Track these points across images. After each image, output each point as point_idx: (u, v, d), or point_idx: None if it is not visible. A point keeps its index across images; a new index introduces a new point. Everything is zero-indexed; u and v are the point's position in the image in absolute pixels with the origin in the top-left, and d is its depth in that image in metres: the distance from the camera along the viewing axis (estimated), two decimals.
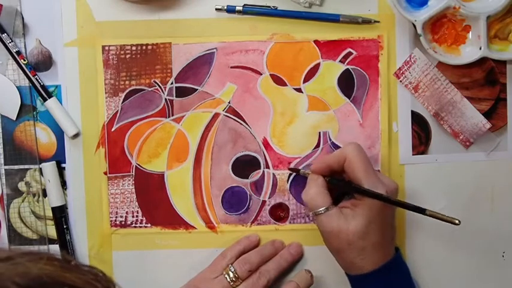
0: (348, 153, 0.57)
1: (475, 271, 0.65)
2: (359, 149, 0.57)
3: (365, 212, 0.55)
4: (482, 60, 0.62)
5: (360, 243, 0.56)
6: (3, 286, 0.34)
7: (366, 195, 0.56)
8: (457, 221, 0.52)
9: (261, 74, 0.64)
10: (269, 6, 0.63)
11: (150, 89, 0.65)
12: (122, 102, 0.65)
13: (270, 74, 0.64)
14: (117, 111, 0.65)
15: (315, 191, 0.58)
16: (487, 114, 0.64)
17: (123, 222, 0.65)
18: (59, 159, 0.65)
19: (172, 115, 0.65)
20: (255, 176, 0.65)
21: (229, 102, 0.65)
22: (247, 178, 0.65)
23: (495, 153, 0.64)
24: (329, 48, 0.64)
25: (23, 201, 0.66)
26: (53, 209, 0.65)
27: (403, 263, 0.60)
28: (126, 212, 0.65)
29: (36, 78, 0.64)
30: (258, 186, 0.65)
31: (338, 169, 0.58)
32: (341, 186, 0.59)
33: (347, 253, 0.57)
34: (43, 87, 0.64)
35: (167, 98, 0.65)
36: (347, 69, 0.64)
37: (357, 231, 0.55)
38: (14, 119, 0.65)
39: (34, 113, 0.65)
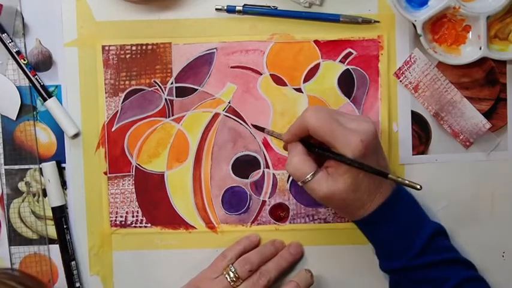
0: (308, 122, 0.54)
1: None
2: (316, 111, 0.55)
3: (349, 166, 0.54)
4: (482, 60, 0.62)
5: (355, 196, 0.55)
6: None
7: (335, 159, 0.54)
8: (418, 186, 0.52)
9: (261, 74, 0.64)
10: (269, 6, 0.63)
11: (150, 89, 0.65)
12: (122, 102, 0.65)
13: (270, 74, 0.64)
14: (117, 111, 0.65)
15: (298, 159, 0.56)
16: (487, 114, 0.64)
17: (123, 222, 0.65)
18: (59, 159, 0.65)
19: (172, 115, 0.65)
20: (255, 176, 0.65)
21: (229, 102, 0.65)
22: (247, 178, 0.65)
23: (495, 153, 0.64)
24: (329, 48, 0.64)
25: (23, 201, 0.66)
26: (53, 209, 0.65)
27: (404, 191, 0.59)
28: (126, 212, 0.65)
29: (36, 78, 0.64)
30: (258, 186, 0.65)
31: (307, 135, 0.56)
32: (318, 153, 0.57)
33: (347, 208, 0.56)
34: (43, 87, 0.64)
35: (167, 98, 0.65)
36: (347, 69, 0.64)
37: (347, 187, 0.54)
38: (14, 119, 0.65)
39: (34, 113, 0.65)
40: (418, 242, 0.57)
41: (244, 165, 0.65)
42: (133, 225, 0.65)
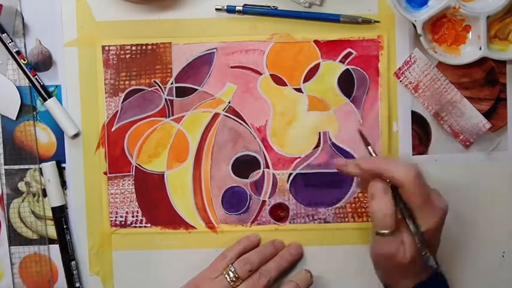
0: (406, 182, 0.52)
1: (475, 271, 0.65)
2: (418, 176, 0.53)
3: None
4: (482, 60, 0.62)
5: (411, 267, 0.55)
6: None
7: (409, 228, 0.54)
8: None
9: (261, 74, 0.64)
10: (269, 6, 0.63)
11: (150, 89, 0.65)
12: (122, 102, 0.65)
13: (270, 74, 0.64)
14: (117, 111, 0.65)
15: (390, 210, 0.53)
16: (487, 114, 0.64)
17: (123, 222, 0.65)
18: (59, 159, 0.65)
19: (172, 115, 0.65)
20: (255, 176, 0.65)
21: (229, 102, 0.65)
22: (247, 178, 0.65)
23: (495, 153, 0.64)
24: (329, 48, 0.64)
25: (23, 201, 0.66)
26: (53, 209, 0.65)
27: (442, 275, 0.59)
28: (126, 212, 0.65)
29: (36, 78, 0.64)
30: (258, 186, 0.65)
31: (384, 180, 0.54)
32: (400, 212, 0.55)
33: (394, 273, 0.56)
34: (43, 87, 0.64)
35: (167, 98, 0.65)
36: (347, 69, 0.64)
37: (413, 259, 0.54)
38: (14, 119, 0.65)
39: (34, 113, 0.65)
40: None
41: (244, 165, 0.65)
42: (133, 225, 0.65)
